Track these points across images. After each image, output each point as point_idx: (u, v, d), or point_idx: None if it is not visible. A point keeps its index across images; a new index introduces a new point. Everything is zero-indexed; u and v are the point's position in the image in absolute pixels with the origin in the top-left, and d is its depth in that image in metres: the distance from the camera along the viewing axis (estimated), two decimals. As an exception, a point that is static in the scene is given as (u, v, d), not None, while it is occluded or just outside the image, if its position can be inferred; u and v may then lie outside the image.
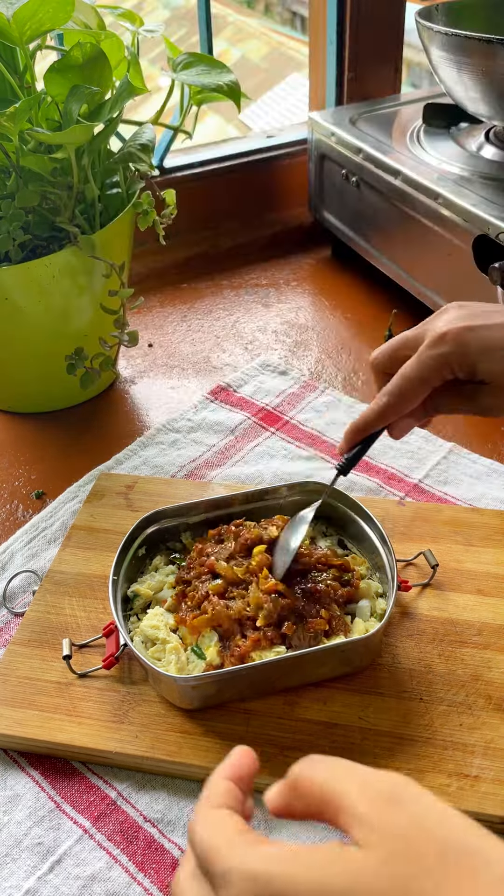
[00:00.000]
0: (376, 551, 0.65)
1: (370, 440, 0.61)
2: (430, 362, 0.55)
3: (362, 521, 0.68)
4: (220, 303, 1.16)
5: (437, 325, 0.56)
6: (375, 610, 0.63)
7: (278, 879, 0.27)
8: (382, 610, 0.63)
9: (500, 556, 0.71)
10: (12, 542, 0.77)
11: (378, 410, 0.57)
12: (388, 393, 0.56)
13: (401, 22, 1.21)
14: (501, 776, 0.54)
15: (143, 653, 0.60)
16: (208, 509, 0.70)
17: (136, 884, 0.52)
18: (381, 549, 0.65)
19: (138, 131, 0.85)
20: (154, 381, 1.01)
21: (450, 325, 0.54)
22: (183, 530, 0.70)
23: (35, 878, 0.52)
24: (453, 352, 0.54)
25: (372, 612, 0.63)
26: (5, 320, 0.84)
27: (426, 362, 0.55)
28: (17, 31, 0.74)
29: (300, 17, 6.83)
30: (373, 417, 0.58)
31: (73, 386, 0.88)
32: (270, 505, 0.71)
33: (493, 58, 0.85)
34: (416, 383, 0.55)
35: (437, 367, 0.55)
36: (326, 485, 0.69)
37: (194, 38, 1.16)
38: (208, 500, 0.70)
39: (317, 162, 1.16)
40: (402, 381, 0.56)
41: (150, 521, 0.69)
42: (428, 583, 0.68)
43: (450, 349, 0.54)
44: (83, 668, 0.62)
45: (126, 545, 0.67)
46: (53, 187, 0.79)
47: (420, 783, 0.55)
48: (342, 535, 0.70)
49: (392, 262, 1.05)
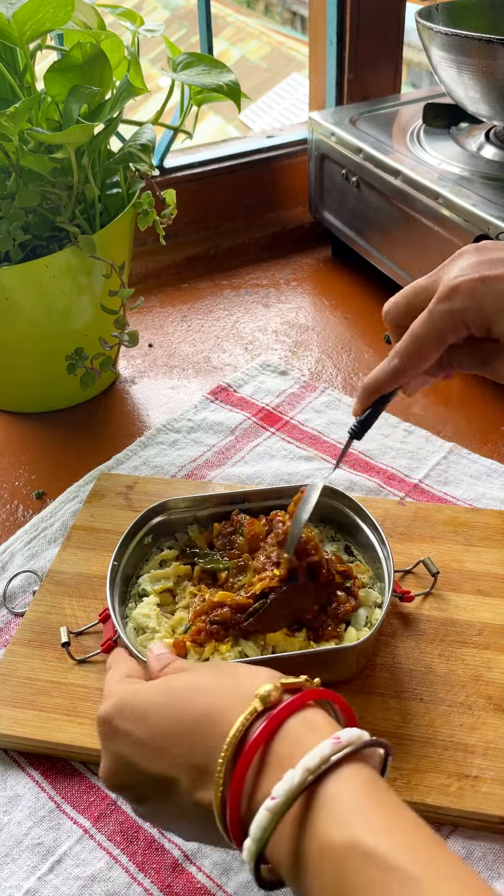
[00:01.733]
0: (379, 560, 0.65)
1: (384, 401, 0.56)
2: (442, 318, 0.49)
3: (362, 522, 0.68)
4: (220, 303, 1.16)
5: (450, 273, 0.50)
6: (371, 620, 0.63)
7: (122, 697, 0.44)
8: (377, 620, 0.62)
9: (500, 556, 0.71)
10: (12, 542, 0.77)
11: (390, 371, 0.53)
12: (399, 353, 0.52)
13: (401, 22, 1.21)
14: (501, 776, 0.54)
15: (133, 643, 0.60)
16: (218, 504, 0.70)
17: (137, 884, 0.52)
18: (381, 552, 0.65)
19: (138, 131, 0.85)
20: (154, 381, 1.01)
21: (463, 276, 0.49)
22: (190, 523, 0.70)
23: (35, 879, 0.52)
24: (467, 308, 0.49)
25: (367, 621, 0.63)
26: (5, 320, 0.84)
27: (438, 319, 0.50)
28: (17, 31, 0.74)
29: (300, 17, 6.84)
30: (385, 378, 0.53)
31: (73, 386, 0.88)
32: (284, 504, 0.70)
33: (493, 58, 0.85)
34: (429, 343, 0.50)
35: (450, 324, 0.50)
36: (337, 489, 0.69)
37: (194, 38, 1.16)
38: (220, 495, 0.70)
39: (317, 162, 1.16)
40: (413, 341, 0.51)
41: (158, 510, 0.69)
42: (429, 591, 0.67)
43: (462, 304, 0.49)
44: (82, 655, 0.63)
45: (132, 532, 0.67)
46: (53, 187, 0.79)
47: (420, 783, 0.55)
48: (349, 542, 0.70)
49: (392, 262, 1.05)
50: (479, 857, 0.52)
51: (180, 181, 1.18)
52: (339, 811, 0.34)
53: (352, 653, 0.59)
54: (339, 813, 0.34)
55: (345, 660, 0.59)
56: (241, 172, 1.24)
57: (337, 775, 0.35)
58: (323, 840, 0.34)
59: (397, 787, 0.54)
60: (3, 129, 0.73)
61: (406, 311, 0.54)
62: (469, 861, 0.52)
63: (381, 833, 0.33)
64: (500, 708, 0.59)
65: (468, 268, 0.50)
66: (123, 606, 0.64)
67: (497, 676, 0.61)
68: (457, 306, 0.49)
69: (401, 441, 0.86)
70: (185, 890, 0.51)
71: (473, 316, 0.49)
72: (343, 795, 0.35)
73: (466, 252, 0.52)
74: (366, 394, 0.56)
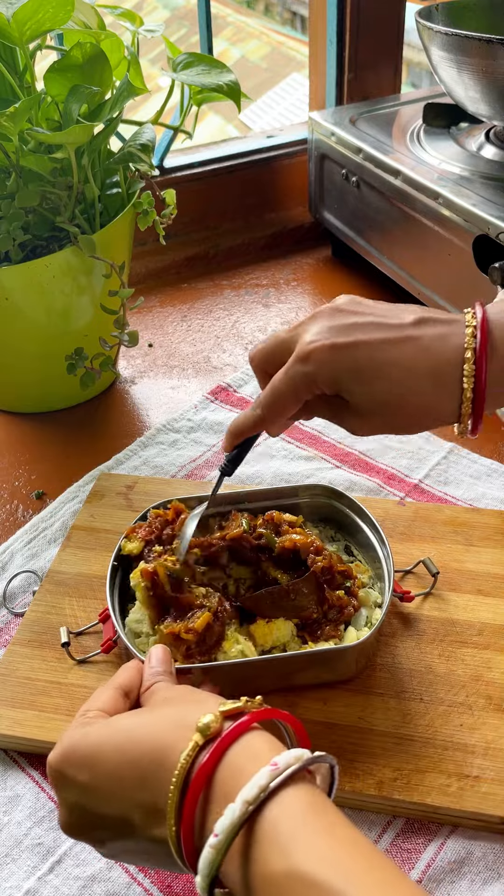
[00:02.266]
0: (378, 560, 0.65)
1: (250, 441, 0.62)
2: (296, 379, 0.53)
3: (362, 522, 0.68)
4: (220, 303, 1.16)
5: (305, 336, 0.54)
6: (371, 620, 0.63)
7: (69, 744, 0.44)
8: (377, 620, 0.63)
9: (500, 556, 0.71)
10: (12, 542, 0.77)
11: (252, 419, 0.57)
12: (261, 405, 0.56)
13: (401, 22, 1.21)
14: (501, 776, 0.54)
15: (132, 643, 0.60)
16: (219, 504, 0.70)
17: (136, 884, 0.52)
18: (381, 552, 0.65)
19: (138, 131, 0.85)
20: (154, 381, 1.01)
21: (316, 341, 0.52)
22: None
23: (35, 879, 0.52)
24: (319, 372, 0.52)
25: (367, 621, 0.63)
26: (5, 320, 0.84)
27: (293, 378, 0.53)
28: (17, 31, 0.74)
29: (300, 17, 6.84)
30: (249, 425, 0.58)
31: (73, 386, 0.88)
32: (284, 505, 0.70)
33: (493, 58, 0.85)
34: (286, 399, 0.54)
35: (303, 385, 0.53)
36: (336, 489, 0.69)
37: (194, 38, 1.16)
38: (220, 495, 0.70)
39: (317, 162, 1.16)
40: (273, 395, 0.55)
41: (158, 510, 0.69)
42: (429, 591, 0.67)
43: (315, 368, 0.52)
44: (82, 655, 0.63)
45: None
46: (53, 187, 0.79)
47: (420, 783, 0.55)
48: (349, 542, 0.70)
49: (392, 262, 1.05)
50: (479, 857, 0.52)
51: (180, 181, 1.18)
52: (280, 839, 0.35)
53: (352, 653, 0.59)
54: (280, 840, 0.35)
55: (345, 660, 0.59)
56: (241, 172, 1.24)
57: (277, 802, 0.36)
58: (265, 870, 0.35)
59: (397, 787, 0.54)
60: (3, 129, 0.73)
61: (268, 359, 0.57)
62: (469, 861, 0.52)
63: (321, 860, 0.34)
64: (500, 708, 0.59)
65: (323, 332, 0.53)
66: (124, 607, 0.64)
67: (497, 676, 0.61)
68: (309, 370, 0.53)
69: (401, 441, 0.86)
70: (185, 890, 0.51)
71: (325, 379, 0.53)
72: (283, 823, 0.36)
73: (323, 314, 0.55)
74: (232, 436, 0.60)
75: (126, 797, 0.41)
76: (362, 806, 0.55)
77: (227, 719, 0.41)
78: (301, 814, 0.36)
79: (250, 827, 0.36)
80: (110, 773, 0.42)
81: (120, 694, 0.49)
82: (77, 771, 0.43)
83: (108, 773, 0.42)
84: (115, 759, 0.42)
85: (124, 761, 0.41)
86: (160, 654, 0.52)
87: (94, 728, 0.44)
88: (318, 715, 0.59)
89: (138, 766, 0.41)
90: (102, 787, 0.42)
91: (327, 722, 0.58)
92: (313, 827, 0.35)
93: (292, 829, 0.35)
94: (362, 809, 0.55)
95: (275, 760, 0.37)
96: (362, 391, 0.52)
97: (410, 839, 0.54)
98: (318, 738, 0.57)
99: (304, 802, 0.36)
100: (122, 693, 0.49)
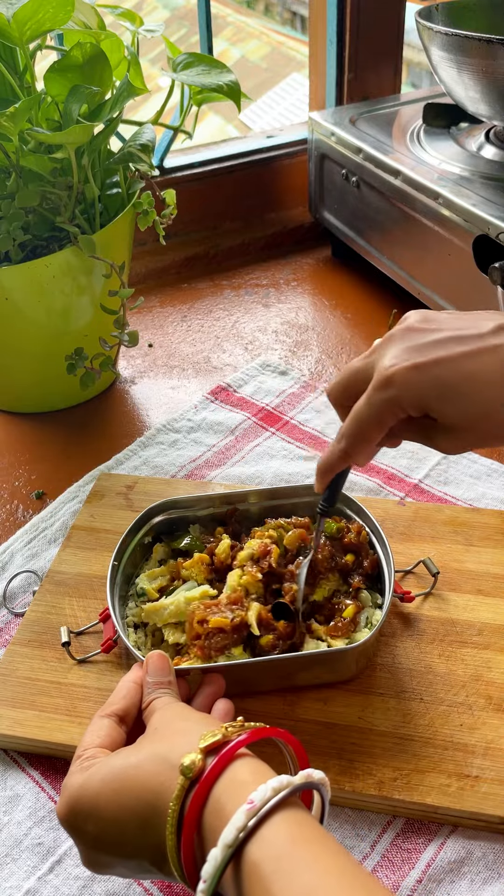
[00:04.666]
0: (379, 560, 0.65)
1: (341, 476, 0.60)
2: (380, 406, 0.51)
3: (362, 522, 0.68)
4: (220, 303, 1.16)
5: (383, 361, 0.51)
6: (371, 620, 0.63)
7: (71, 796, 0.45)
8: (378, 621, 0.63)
9: (500, 556, 0.71)
10: (12, 542, 0.77)
11: (338, 453, 0.55)
12: (345, 436, 0.54)
13: (401, 22, 1.21)
14: (501, 776, 0.54)
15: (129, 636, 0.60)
16: (219, 504, 0.70)
17: (136, 884, 0.52)
18: (381, 552, 0.65)
19: (138, 131, 0.85)
20: (154, 381, 1.01)
21: (396, 364, 0.50)
22: (191, 523, 0.70)
23: (35, 879, 0.52)
24: (402, 395, 0.50)
25: (368, 622, 0.63)
26: (5, 320, 0.84)
27: (376, 406, 0.51)
28: (17, 31, 0.74)
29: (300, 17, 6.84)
30: (335, 460, 0.56)
31: (73, 386, 0.88)
32: (283, 504, 0.70)
33: (493, 58, 0.85)
34: (370, 427, 0.52)
35: (387, 411, 0.51)
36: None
37: (194, 38, 1.16)
38: (220, 495, 0.70)
39: (317, 162, 1.16)
40: (356, 425, 0.53)
41: (159, 510, 0.69)
42: (429, 591, 0.68)
43: (398, 392, 0.50)
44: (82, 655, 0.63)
45: (132, 532, 0.67)
46: (53, 187, 0.79)
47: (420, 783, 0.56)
48: None
49: (392, 262, 1.05)
50: (479, 857, 0.52)
51: (180, 181, 1.18)
52: (263, 878, 0.36)
53: (352, 653, 0.59)
54: (263, 879, 0.35)
55: (345, 660, 0.59)
56: (241, 172, 1.24)
57: (257, 840, 0.37)
58: None
59: (397, 787, 0.54)
60: (3, 129, 0.73)
61: (345, 392, 0.56)
62: (469, 861, 0.52)
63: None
64: (500, 708, 0.59)
65: (401, 354, 0.51)
66: (123, 607, 0.64)
67: (497, 676, 0.61)
68: (393, 394, 0.50)
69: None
70: (185, 890, 0.51)
71: (410, 402, 0.50)
72: (264, 863, 0.36)
73: (396, 336, 0.53)
74: (321, 474, 0.58)
75: (132, 843, 0.42)
76: (362, 806, 0.55)
77: (210, 754, 0.41)
78: (283, 847, 0.36)
79: (236, 864, 0.37)
80: (113, 821, 0.43)
81: (115, 722, 0.50)
82: (83, 822, 0.44)
83: (111, 821, 0.43)
84: (113, 806, 0.43)
85: (123, 808, 0.43)
86: (158, 664, 0.52)
87: (91, 774, 0.45)
88: (318, 715, 0.59)
89: (135, 812, 0.42)
90: (110, 833, 0.43)
91: (327, 722, 0.58)
92: (297, 860, 0.36)
93: (273, 867, 0.36)
94: (362, 809, 0.55)
95: (251, 798, 0.37)
96: (451, 409, 0.50)
97: (410, 839, 0.54)
98: (318, 738, 0.57)
99: (285, 836, 0.37)
100: (117, 720, 0.50)
